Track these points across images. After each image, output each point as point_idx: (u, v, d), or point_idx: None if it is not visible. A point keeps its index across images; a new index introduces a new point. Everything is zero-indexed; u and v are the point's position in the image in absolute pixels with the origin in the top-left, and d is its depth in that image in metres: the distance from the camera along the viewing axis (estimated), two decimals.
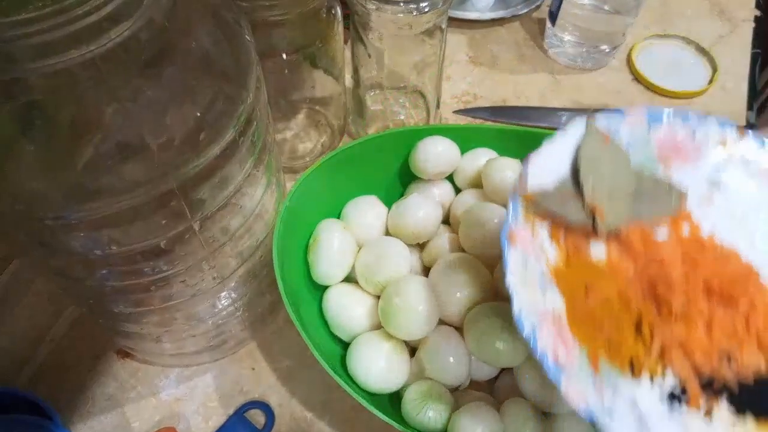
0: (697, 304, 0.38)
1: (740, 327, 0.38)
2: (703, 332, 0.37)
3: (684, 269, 0.39)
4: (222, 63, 0.39)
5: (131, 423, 0.56)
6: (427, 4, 0.56)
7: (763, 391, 0.37)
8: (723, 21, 0.90)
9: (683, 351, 0.37)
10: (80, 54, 0.30)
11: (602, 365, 0.37)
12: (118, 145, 0.34)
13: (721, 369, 0.37)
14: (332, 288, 0.56)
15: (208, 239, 0.44)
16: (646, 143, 0.44)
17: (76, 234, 0.37)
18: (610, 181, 0.41)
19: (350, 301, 0.54)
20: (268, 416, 0.56)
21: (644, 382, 0.37)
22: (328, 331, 0.55)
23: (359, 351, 0.51)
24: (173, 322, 0.51)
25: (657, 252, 0.40)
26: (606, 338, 0.38)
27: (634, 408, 0.36)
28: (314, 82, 0.67)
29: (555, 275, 0.39)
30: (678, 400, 0.37)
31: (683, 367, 0.37)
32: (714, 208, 0.44)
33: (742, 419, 0.37)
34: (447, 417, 0.49)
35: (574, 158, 0.42)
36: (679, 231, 0.42)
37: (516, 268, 0.37)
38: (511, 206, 0.39)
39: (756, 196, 0.43)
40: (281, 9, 0.55)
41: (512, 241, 0.38)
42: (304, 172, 0.56)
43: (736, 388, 0.37)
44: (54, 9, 0.28)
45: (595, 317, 0.38)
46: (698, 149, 0.44)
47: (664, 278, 0.38)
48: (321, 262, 0.55)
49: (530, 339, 0.35)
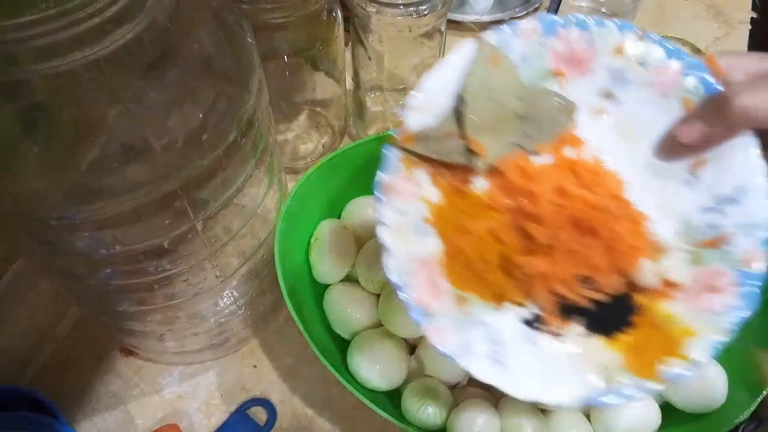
0: (562, 236, 0.39)
1: (601, 255, 0.40)
2: (564, 263, 0.40)
3: (554, 202, 0.40)
4: (224, 65, 0.39)
5: (135, 420, 0.57)
6: (427, 7, 0.57)
7: (615, 311, 0.41)
8: (719, 23, 0.91)
9: (544, 281, 0.40)
10: (84, 56, 0.30)
11: (469, 301, 0.40)
12: (121, 146, 0.34)
13: (579, 292, 0.40)
14: (333, 287, 0.57)
15: (211, 239, 0.45)
16: (541, 56, 0.41)
17: (79, 234, 0.38)
18: (497, 106, 0.40)
19: (351, 300, 0.55)
20: (270, 413, 0.57)
21: (507, 312, 0.41)
22: (329, 329, 0.56)
23: (360, 349, 0.52)
24: (176, 321, 0.52)
25: (531, 185, 0.40)
26: (476, 274, 0.40)
27: (495, 337, 0.40)
28: (315, 84, 0.68)
29: (434, 217, 0.40)
30: (535, 324, 0.41)
31: (543, 295, 0.40)
32: (604, 122, 0.43)
33: (593, 337, 0.40)
34: (446, 414, 0.49)
35: (459, 85, 0.40)
36: (562, 154, 0.42)
37: (389, 219, 0.38)
38: (385, 156, 0.39)
39: (648, 107, 0.41)
40: (283, 12, 0.56)
41: (387, 192, 0.38)
42: (305, 173, 0.56)
43: (593, 308, 0.40)
44: (58, 11, 0.28)
45: (468, 255, 0.40)
46: (594, 57, 0.42)
47: (534, 212, 0.40)
48: (322, 262, 0.56)
49: (400, 291, 0.37)
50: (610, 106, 0.42)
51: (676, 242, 0.41)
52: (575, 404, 0.38)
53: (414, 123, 0.39)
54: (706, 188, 0.41)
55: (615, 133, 0.42)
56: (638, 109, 0.42)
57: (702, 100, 0.40)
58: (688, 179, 0.41)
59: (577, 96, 0.42)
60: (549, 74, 0.42)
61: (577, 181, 0.41)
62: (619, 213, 0.40)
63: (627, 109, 0.42)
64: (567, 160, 0.41)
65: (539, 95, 0.41)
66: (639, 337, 0.40)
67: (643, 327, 0.40)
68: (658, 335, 0.40)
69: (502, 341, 0.40)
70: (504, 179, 0.40)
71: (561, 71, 0.42)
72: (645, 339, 0.40)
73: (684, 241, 0.41)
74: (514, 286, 0.41)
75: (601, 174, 0.41)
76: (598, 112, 0.42)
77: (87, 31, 0.29)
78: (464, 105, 0.39)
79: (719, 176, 0.40)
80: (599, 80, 0.42)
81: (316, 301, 0.56)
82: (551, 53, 0.41)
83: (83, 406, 0.57)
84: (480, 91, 0.40)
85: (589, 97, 0.42)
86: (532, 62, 0.41)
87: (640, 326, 0.41)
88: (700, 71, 0.40)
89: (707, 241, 0.41)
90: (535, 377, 0.39)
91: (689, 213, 0.41)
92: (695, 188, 0.41)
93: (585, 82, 0.42)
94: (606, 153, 0.42)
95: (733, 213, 0.40)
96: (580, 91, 0.42)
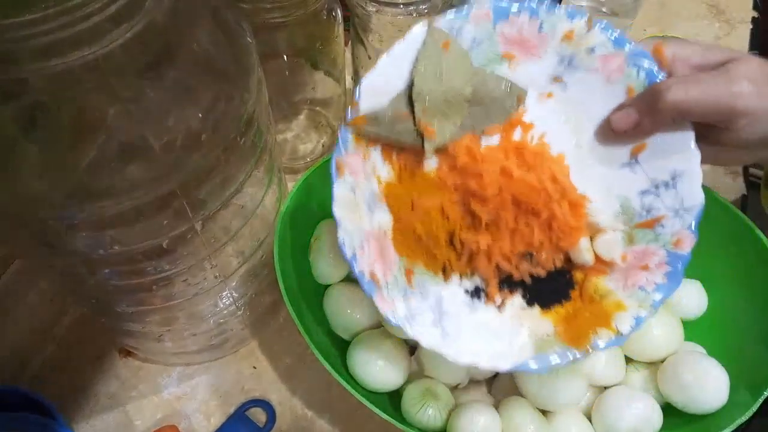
0: (505, 215, 0.43)
1: (541, 233, 0.43)
2: (507, 239, 0.43)
3: (498, 183, 0.42)
4: (223, 64, 0.39)
5: (133, 421, 0.57)
6: (427, 6, 0.57)
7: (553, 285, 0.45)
8: (720, 22, 0.90)
9: (487, 256, 0.44)
10: (83, 55, 0.30)
11: (417, 273, 0.44)
12: (120, 145, 0.34)
13: (520, 267, 0.44)
14: (333, 287, 0.56)
15: (210, 239, 0.44)
16: (491, 40, 0.42)
17: (79, 234, 0.38)
18: (447, 89, 0.41)
19: (350, 300, 0.54)
20: (269, 414, 0.56)
21: (452, 284, 0.44)
22: (329, 329, 0.55)
23: (359, 349, 0.51)
24: (175, 321, 0.51)
25: (478, 166, 0.42)
26: (424, 248, 0.44)
27: (440, 306, 0.43)
28: (315, 84, 0.68)
29: (386, 194, 0.43)
30: (478, 296, 0.45)
31: (486, 269, 0.44)
32: (551, 106, 0.44)
33: (531, 309, 0.45)
34: (446, 415, 0.49)
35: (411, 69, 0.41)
36: (510, 136, 0.44)
37: (343, 196, 0.40)
38: (339, 137, 0.40)
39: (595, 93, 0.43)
40: (282, 11, 0.56)
41: (340, 171, 0.40)
42: (305, 172, 0.56)
43: (532, 282, 0.44)
44: (57, 10, 0.28)
45: (416, 230, 0.43)
46: (544, 43, 0.43)
47: (479, 192, 0.42)
48: (322, 262, 0.55)
49: (351, 264, 0.39)
50: (558, 90, 0.44)
51: (614, 223, 0.44)
52: (508, 370, 0.42)
53: (367, 104, 0.40)
54: (644, 172, 0.43)
55: (562, 117, 0.44)
56: (585, 95, 0.43)
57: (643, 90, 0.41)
58: (629, 163, 0.44)
59: (527, 79, 0.43)
60: (499, 58, 0.43)
61: (522, 163, 0.43)
62: (560, 195, 0.43)
63: (574, 94, 0.44)
64: (514, 143, 0.43)
65: (489, 80, 0.42)
66: (574, 310, 0.44)
67: (579, 301, 0.44)
68: (592, 309, 0.43)
69: (447, 311, 0.43)
70: (452, 160, 0.42)
71: (511, 54, 0.43)
72: (579, 312, 0.44)
73: (621, 222, 0.44)
74: (459, 260, 0.44)
75: (545, 157, 0.44)
76: (546, 96, 0.44)
77: (86, 31, 0.29)
78: (415, 88, 0.40)
79: (657, 161, 0.42)
80: (549, 65, 0.43)
81: (316, 302, 0.56)
82: (501, 38, 0.42)
83: (82, 407, 0.57)
84: (430, 75, 0.41)
85: (538, 81, 0.44)
86: (483, 45, 0.42)
87: (576, 300, 0.44)
88: (645, 60, 0.41)
89: (642, 222, 0.44)
90: (475, 344, 0.42)
91: (628, 195, 0.44)
92: (635, 172, 0.43)
93: (535, 65, 0.43)
94: (552, 136, 0.44)
95: (667, 196, 0.42)
96: (529, 74, 0.43)
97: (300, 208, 0.55)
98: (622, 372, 0.52)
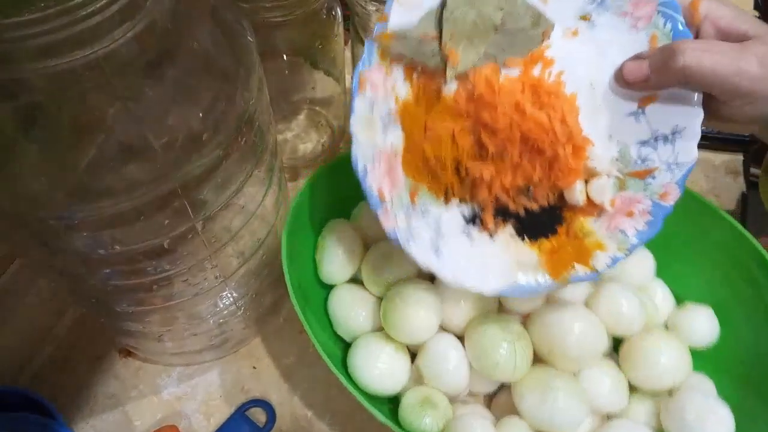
0: (511, 149, 0.44)
1: (541, 171, 0.45)
2: (509, 173, 0.45)
3: (510, 118, 0.44)
4: (224, 64, 0.39)
5: (133, 421, 0.56)
6: None
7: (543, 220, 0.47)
8: None
9: (489, 187, 0.46)
10: (83, 55, 0.30)
11: (420, 194, 0.45)
12: (120, 145, 0.34)
13: (516, 200, 0.46)
14: (338, 287, 0.56)
15: (210, 239, 0.44)
16: None
17: (79, 234, 0.38)
18: (477, 14, 0.42)
19: (354, 302, 0.54)
20: (269, 414, 0.56)
21: (452, 208, 0.46)
22: (332, 331, 0.55)
23: (359, 351, 0.51)
24: (175, 321, 0.51)
25: (494, 98, 0.43)
26: (430, 171, 0.45)
27: (438, 227, 0.45)
28: (315, 83, 0.68)
29: (402, 113, 0.44)
30: (473, 222, 0.47)
31: (485, 198, 0.46)
32: (574, 43, 0.45)
33: (519, 239, 0.47)
34: (443, 425, 0.48)
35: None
36: (529, 70, 0.45)
37: (361, 112, 0.41)
38: (365, 49, 0.41)
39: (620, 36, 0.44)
40: (282, 10, 0.56)
41: (361, 86, 0.41)
42: (314, 171, 0.56)
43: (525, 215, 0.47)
44: (58, 10, 0.28)
45: (425, 152, 0.44)
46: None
47: (491, 124, 0.44)
48: (328, 262, 0.55)
49: (361, 178, 0.41)
50: (585, 28, 0.45)
51: (609, 168, 0.46)
52: (493, 293, 0.44)
53: (397, 20, 0.41)
54: (647, 123, 0.45)
55: (582, 55, 0.45)
56: (609, 36, 0.45)
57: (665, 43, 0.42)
58: (635, 112, 0.45)
59: (556, 12, 0.44)
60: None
61: (536, 100, 0.44)
62: (567, 138, 0.44)
63: (599, 35, 0.45)
64: (532, 79, 0.45)
65: (519, 9, 0.43)
66: (558, 244, 0.46)
67: (564, 236, 0.47)
68: (575, 245, 0.46)
69: (443, 233, 0.45)
70: (471, 88, 0.43)
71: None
72: (563, 246, 0.46)
73: (616, 168, 0.46)
74: (461, 185, 0.46)
75: (560, 97, 0.45)
76: (572, 33, 0.45)
77: (87, 30, 0.29)
78: (446, 10, 0.41)
79: (662, 115, 0.44)
80: (580, 1, 0.45)
81: (321, 302, 0.56)
82: None
83: (81, 407, 0.57)
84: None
85: (567, 16, 0.45)
86: None
87: (561, 236, 0.47)
88: (675, 12, 0.42)
89: (636, 171, 0.45)
90: (466, 267, 0.44)
91: (628, 143, 0.46)
92: (639, 122, 0.45)
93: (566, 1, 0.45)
94: (569, 74, 0.45)
95: (664, 150, 0.44)
96: (560, 7, 0.44)
97: (309, 206, 0.55)
98: (625, 399, 0.50)
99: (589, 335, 0.49)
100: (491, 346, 0.48)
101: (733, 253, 0.53)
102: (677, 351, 0.50)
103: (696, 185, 0.72)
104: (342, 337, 0.55)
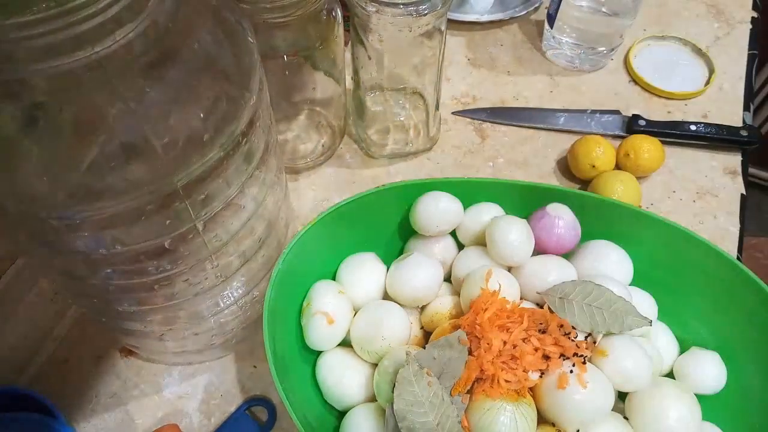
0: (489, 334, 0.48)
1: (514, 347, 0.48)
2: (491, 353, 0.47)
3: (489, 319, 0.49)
4: (225, 64, 0.39)
5: (135, 420, 0.57)
6: (427, 7, 0.57)
7: None
8: (720, 22, 0.91)
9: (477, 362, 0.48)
10: (85, 55, 0.30)
11: None
12: (122, 145, 0.34)
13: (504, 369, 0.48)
14: (326, 354, 0.53)
15: (211, 239, 0.44)
16: None
17: (80, 234, 0.38)
18: None
19: (344, 370, 0.52)
20: (270, 413, 0.57)
21: None
22: (322, 398, 0.53)
23: (353, 426, 0.49)
24: (176, 321, 0.51)
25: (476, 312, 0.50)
26: None
27: None
28: (315, 84, 0.68)
29: None
30: None
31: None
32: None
33: None
34: None
35: None
36: None
37: None
38: None
39: None
40: (283, 11, 0.56)
41: None
42: (300, 230, 0.54)
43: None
44: (60, 11, 0.28)
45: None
46: None
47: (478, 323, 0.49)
48: (314, 328, 0.52)
49: None
50: None
51: None
52: None
53: None
54: None
55: None
56: None
57: None
58: None
59: None
60: None
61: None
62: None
63: None
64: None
65: None
66: None
67: None
68: None
69: None
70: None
71: None
72: None
73: None
74: None
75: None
76: None
77: (88, 31, 0.29)
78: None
79: None
80: None
81: (309, 367, 0.54)
82: None
83: (83, 406, 0.57)
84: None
85: None
86: None
87: None
88: None
89: None
90: None
91: None
92: None
93: None
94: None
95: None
96: None
97: (294, 268, 0.53)
98: None
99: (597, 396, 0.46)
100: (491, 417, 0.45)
101: (738, 295, 0.52)
102: (688, 404, 0.48)
103: (696, 185, 0.72)
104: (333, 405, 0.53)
